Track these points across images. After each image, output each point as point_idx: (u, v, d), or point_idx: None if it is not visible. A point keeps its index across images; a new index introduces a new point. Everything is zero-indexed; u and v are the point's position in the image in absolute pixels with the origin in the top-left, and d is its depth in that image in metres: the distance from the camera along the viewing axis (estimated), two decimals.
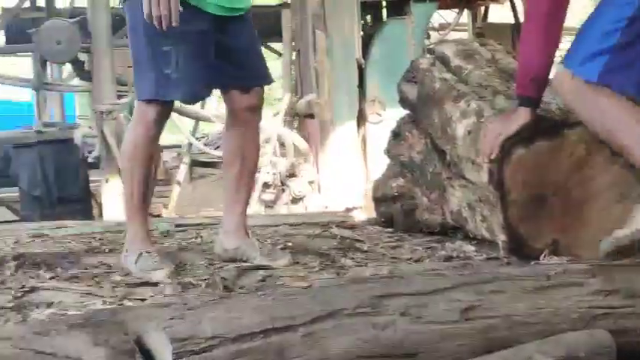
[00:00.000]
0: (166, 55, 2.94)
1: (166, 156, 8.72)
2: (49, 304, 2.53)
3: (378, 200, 3.85)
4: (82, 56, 7.16)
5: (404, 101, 3.71)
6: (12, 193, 7.75)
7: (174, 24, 2.84)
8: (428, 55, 3.62)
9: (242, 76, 3.15)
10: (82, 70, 7.07)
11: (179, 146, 11.06)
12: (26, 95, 17.78)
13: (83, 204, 7.06)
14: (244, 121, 3.19)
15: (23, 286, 2.70)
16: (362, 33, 7.29)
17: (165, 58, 2.95)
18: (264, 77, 3.25)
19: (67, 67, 12.74)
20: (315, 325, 2.05)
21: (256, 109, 3.21)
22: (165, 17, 2.83)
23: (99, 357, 1.93)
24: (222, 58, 3.09)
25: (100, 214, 6.97)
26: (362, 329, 2.08)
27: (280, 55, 14.15)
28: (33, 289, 2.68)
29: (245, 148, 3.19)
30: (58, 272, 2.90)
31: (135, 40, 3.02)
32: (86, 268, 2.97)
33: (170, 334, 1.96)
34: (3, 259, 3.03)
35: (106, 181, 6.57)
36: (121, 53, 6.93)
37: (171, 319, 2.04)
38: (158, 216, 6.67)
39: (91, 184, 7.39)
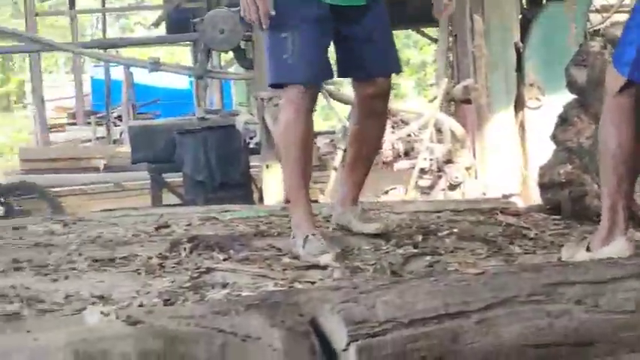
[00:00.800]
0: (284, 41, 3.10)
1: (319, 142, 8.81)
2: (224, 285, 2.61)
3: (544, 187, 3.78)
4: (243, 44, 7.32)
5: (572, 85, 3.62)
6: (176, 178, 8.04)
7: (264, 27, 3.08)
8: (598, 38, 3.52)
9: (364, 66, 3.24)
10: (243, 59, 7.23)
11: (333, 132, 11.18)
12: (184, 83, 18.42)
13: (244, 189, 7.23)
14: (368, 109, 3.30)
15: (199, 267, 2.80)
16: (520, 16, 7.14)
17: (283, 44, 3.10)
18: (388, 67, 3.32)
19: (224, 56, 13.10)
20: (489, 312, 2.04)
21: (380, 98, 3.30)
22: (256, 20, 3.07)
23: (276, 337, 1.98)
24: (343, 48, 3.22)
25: (260, 199, 7.12)
26: (536, 317, 2.05)
27: (434, 40, 14.06)
28: (208, 270, 2.77)
29: (366, 134, 3.33)
30: (231, 254, 2.98)
31: (263, 33, 3.21)
32: (256, 251, 3.04)
33: (344, 316, 1.99)
34: (178, 241, 3.15)
35: (267, 167, 6.70)
36: None
37: (345, 302, 2.08)
38: (315, 201, 6.75)
39: (251, 170, 7.56)
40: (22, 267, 2.89)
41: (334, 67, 3.31)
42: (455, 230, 3.30)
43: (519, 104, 6.98)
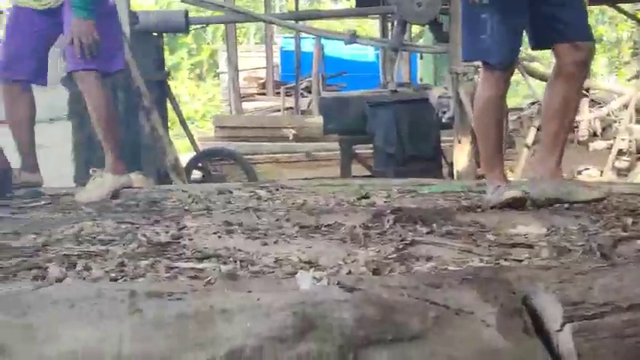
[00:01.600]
0: (483, 21, 3.30)
1: None
2: (429, 258, 2.61)
3: None
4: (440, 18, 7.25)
5: None
6: (365, 150, 8.10)
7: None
8: None
9: (564, 30, 3.38)
10: (439, 32, 7.18)
11: (520, 109, 10.96)
12: (370, 56, 18.51)
13: (434, 163, 7.19)
14: (569, 76, 3.40)
15: (403, 239, 2.82)
16: None
17: (482, 24, 3.30)
18: (587, 31, 3.45)
19: (413, 28, 13.04)
20: None
21: (583, 64, 3.42)
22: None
23: (489, 313, 1.97)
24: (541, 15, 3.35)
25: (450, 174, 7.07)
26: None
27: (630, 17, 13.48)
28: (412, 243, 2.78)
29: (565, 103, 3.43)
30: (434, 228, 2.99)
31: (462, 8, 3.47)
32: (460, 226, 3.03)
33: (560, 297, 1.97)
34: (381, 212, 3.18)
35: (459, 142, 6.64)
36: None
37: (561, 282, 2.05)
38: None
39: (441, 144, 7.51)
40: (234, 230, 3.00)
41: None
42: None
43: None
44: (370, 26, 21.91)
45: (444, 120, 6.84)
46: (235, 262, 2.56)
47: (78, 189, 4.28)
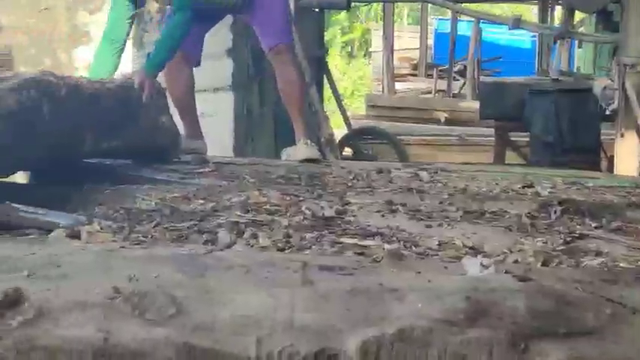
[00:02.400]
0: None
1: None
2: (598, 253, 2.53)
3: None
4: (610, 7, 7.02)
5: None
6: (520, 137, 7.96)
7: None
8: None
9: None
10: (607, 21, 6.95)
11: None
12: (526, 42, 18.15)
13: (592, 155, 7.00)
14: None
15: (571, 232, 2.75)
16: None
17: None
18: None
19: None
20: None
21: None
22: None
23: None
24: None
25: (608, 168, 6.86)
26: None
27: None
28: (581, 236, 2.71)
29: None
30: (602, 222, 2.90)
31: None
32: (630, 222, 2.94)
33: None
34: (548, 203, 3.12)
35: (621, 136, 6.41)
36: None
37: None
38: None
39: (601, 137, 7.29)
40: (397, 210, 3.00)
41: None
42: None
43: None
44: (524, 11, 21.43)
45: (607, 112, 6.62)
46: (399, 242, 2.55)
47: (287, 150, 4.72)
